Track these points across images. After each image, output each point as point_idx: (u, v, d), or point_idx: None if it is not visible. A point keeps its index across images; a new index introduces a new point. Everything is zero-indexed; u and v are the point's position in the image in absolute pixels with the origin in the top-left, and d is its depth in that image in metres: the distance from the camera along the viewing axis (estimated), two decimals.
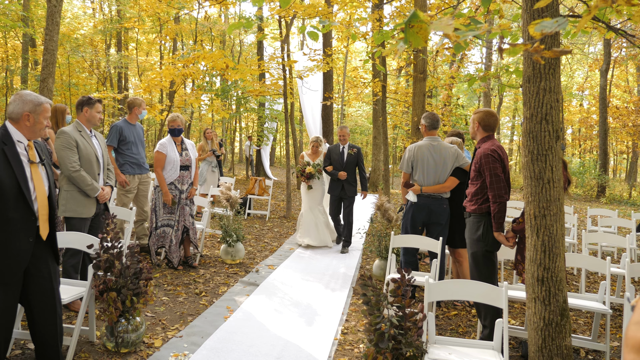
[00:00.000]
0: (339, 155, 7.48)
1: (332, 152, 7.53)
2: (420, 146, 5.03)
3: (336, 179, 7.47)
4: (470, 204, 4.00)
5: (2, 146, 2.78)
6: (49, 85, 8.72)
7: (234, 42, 27.44)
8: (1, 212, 2.75)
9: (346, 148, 7.48)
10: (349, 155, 7.44)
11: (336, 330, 4.33)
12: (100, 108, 4.53)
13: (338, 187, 7.49)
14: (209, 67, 12.55)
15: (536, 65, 2.59)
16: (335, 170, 7.44)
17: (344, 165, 7.42)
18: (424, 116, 5.17)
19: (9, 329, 2.91)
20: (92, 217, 4.39)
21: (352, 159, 7.45)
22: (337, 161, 7.46)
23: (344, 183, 7.42)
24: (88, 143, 4.38)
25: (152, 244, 5.92)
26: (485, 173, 3.77)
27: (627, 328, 1.02)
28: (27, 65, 18.22)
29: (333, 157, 7.52)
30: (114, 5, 23.42)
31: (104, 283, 3.50)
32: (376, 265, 6.22)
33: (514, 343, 4.20)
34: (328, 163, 7.57)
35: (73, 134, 4.29)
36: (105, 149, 4.61)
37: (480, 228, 3.88)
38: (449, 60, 15.52)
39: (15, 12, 13.76)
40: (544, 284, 2.75)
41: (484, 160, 3.78)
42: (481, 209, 3.89)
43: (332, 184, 7.60)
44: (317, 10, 10.85)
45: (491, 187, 3.73)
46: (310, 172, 7.55)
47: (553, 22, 1.14)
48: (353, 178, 7.50)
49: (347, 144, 7.51)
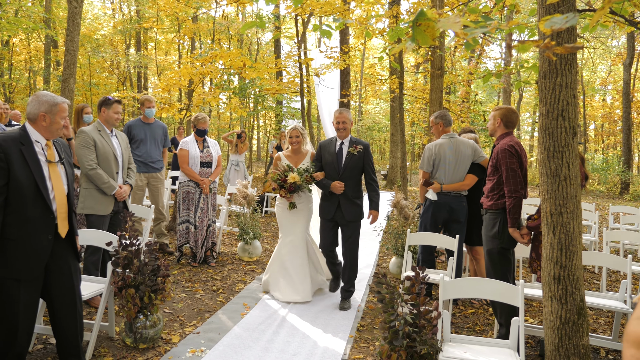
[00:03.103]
0: (334, 156, 4.84)
1: (324, 151, 4.95)
2: (441, 144, 4.97)
3: (329, 193, 4.90)
4: (486, 200, 3.98)
5: (20, 146, 2.84)
6: (70, 85, 8.88)
7: (252, 40, 27.55)
8: (20, 210, 2.82)
9: (346, 144, 4.86)
10: (350, 155, 4.80)
11: (352, 327, 4.33)
12: (118, 108, 4.61)
13: (332, 205, 4.86)
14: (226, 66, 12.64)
15: (552, 60, 2.55)
16: (327, 180, 4.86)
17: (341, 170, 4.80)
18: (439, 116, 5.13)
19: (31, 323, 2.98)
20: (111, 215, 4.47)
21: (356, 161, 4.79)
22: (331, 164, 4.85)
23: (341, 199, 4.81)
24: (107, 142, 4.47)
25: (176, 240, 6.08)
26: (502, 168, 3.75)
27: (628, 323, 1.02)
28: (50, 66, 18.58)
29: (325, 157, 4.92)
30: (133, 5, 23.71)
31: (123, 280, 3.57)
32: (393, 263, 6.21)
33: (532, 342, 4.15)
34: (318, 167, 5.00)
35: (92, 133, 4.39)
36: (126, 148, 4.71)
37: (497, 225, 3.85)
38: (467, 56, 15.35)
39: (38, 14, 14.02)
40: (560, 282, 2.71)
41: (500, 155, 3.77)
42: (497, 205, 3.86)
43: (323, 201, 4.99)
44: (333, 7, 10.84)
45: (507, 182, 3.71)
46: (296, 183, 4.89)
47: (562, 18, 1.13)
48: (356, 191, 4.86)
49: (349, 137, 4.88)
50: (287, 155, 5.17)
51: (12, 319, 2.86)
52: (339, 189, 4.74)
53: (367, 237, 7.96)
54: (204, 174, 6.00)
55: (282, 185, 4.92)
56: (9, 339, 2.87)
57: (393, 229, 6.29)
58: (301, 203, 5.12)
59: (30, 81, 21.69)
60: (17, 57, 22.39)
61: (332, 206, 4.86)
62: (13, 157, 2.79)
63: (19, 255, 2.82)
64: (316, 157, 5.06)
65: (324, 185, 4.88)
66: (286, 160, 5.12)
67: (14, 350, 2.89)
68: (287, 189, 4.90)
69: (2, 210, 2.78)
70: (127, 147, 4.78)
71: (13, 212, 2.81)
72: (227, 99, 19.25)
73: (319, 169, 4.98)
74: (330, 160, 4.85)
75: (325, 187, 4.87)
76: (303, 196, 5.12)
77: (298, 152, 5.14)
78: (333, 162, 4.82)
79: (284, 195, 4.95)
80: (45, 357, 3.47)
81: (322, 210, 5.00)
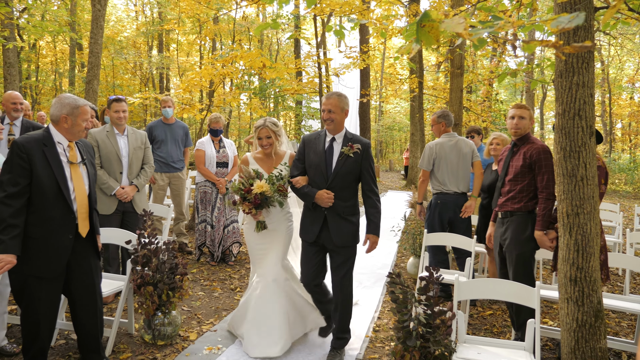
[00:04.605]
0: (321, 155, 3.57)
1: (308, 148, 3.65)
2: (442, 143, 5.08)
3: (312, 206, 3.61)
4: (512, 201, 3.83)
5: (42, 147, 2.92)
6: (94, 86, 9.08)
7: (272, 41, 27.70)
8: (42, 210, 2.90)
9: (339, 141, 3.58)
10: (343, 156, 3.52)
11: (368, 328, 4.33)
12: (118, 107, 4.60)
13: (316, 222, 3.60)
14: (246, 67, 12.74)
15: (568, 59, 2.52)
16: (310, 187, 3.58)
17: (330, 176, 3.52)
18: (442, 115, 5.19)
19: (53, 319, 3.07)
20: (120, 215, 4.58)
21: (351, 164, 3.53)
22: (317, 167, 3.57)
23: (329, 215, 3.55)
24: (111, 143, 4.54)
25: (195, 239, 6.19)
26: (542, 170, 3.61)
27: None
28: (74, 68, 18.99)
29: (310, 157, 3.63)
30: (155, 8, 24.06)
31: (142, 277, 3.64)
32: (410, 263, 6.19)
33: (551, 345, 4.10)
34: (300, 169, 3.68)
35: (97, 134, 4.54)
36: (137, 149, 4.74)
37: (529, 227, 3.75)
38: (489, 54, 15.18)
39: (63, 18, 14.35)
40: (577, 284, 2.67)
41: (543, 156, 3.63)
42: (527, 207, 3.75)
43: (305, 216, 3.73)
44: (352, 7, 10.84)
45: (547, 185, 3.58)
46: (264, 194, 3.62)
47: (569, 17, 1.12)
48: (350, 205, 3.60)
49: (343, 132, 3.59)
50: (258, 157, 3.92)
51: (34, 315, 2.95)
52: (327, 200, 3.47)
53: (385, 237, 7.94)
54: (221, 174, 6.08)
55: (246, 197, 3.61)
56: (32, 334, 2.97)
57: (411, 229, 6.27)
58: (274, 222, 3.84)
59: (56, 83, 22.21)
60: (44, 60, 22.96)
61: (316, 224, 3.58)
62: (36, 158, 2.87)
63: (41, 253, 2.91)
64: (298, 155, 3.72)
65: (306, 194, 3.56)
66: (255, 163, 3.89)
67: (36, 345, 2.99)
68: (252, 202, 3.58)
69: (25, 209, 2.87)
70: (140, 148, 4.77)
71: (35, 211, 2.89)
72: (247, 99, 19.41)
73: (301, 172, 3.66)
74: (316, 161, 3.56)
75: (308, 198, 3.56)
76: (275, 212, 3.82)
77: (270, 154, 3.91)
78: (320, 165, 3.53)
79: (248, 211, 3.63)
80: (66, 352, 3.56)
81: (303, 230, 3.71)
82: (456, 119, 9.93)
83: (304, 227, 3.71)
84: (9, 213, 2.78)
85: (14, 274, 2.91)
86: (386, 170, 31.24)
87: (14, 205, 2.80)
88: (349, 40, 18.55)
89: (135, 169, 4.73)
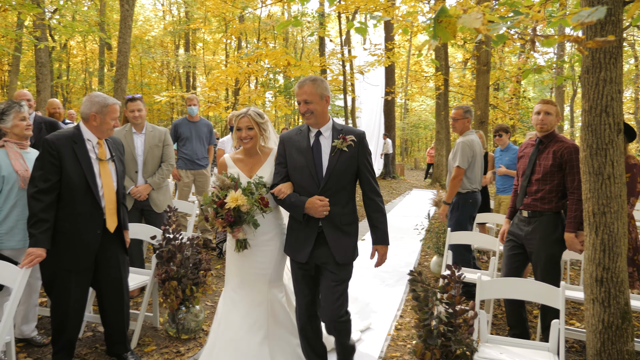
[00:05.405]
0: (307, 154, 2.90)
1: (289, 147, 2.96)
2: (474, 141, 5.04)
3: (303, 218, 2.86)
4: (542, 202, 3.73)
5: (72, 145, 3.01)
6: (122, 85, 9.29)
7: (296, 39, 27.78)
8: (71, 206, 2.99)
9: (327, 135, 2.92)
10: (335, 151, 2.86)
11: (390, 326, 4.33)
12: (133, 106, 4.60)
13: (308, 238, 2.89)
14: (271, 65, 12.84)
15: (595, 54, 2.46)
16: (297, 196, 2.87)
17: (323, 178, 2.85)
18: (469, 111, 5.17)
19: (81, 311, 3.17)
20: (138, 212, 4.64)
21: (346, 161, 2.87)
22: (303, 169, 2.88)
23: (326, 227, 2.86)
24: (127, 141, 4.55)
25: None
26: (574, 170, 3.53)
27: None
28: (104, 67, 19.41)
29: (293, 158, 2.93)
30: (182, 7, 24.39)
31: (166, 272, 3.71)
32: (434, 262, 6.14)
33: (578, 347, 4.02)
34: (282, 174, 2.97)
35: (116, 132, 4.53)
36: (153, 147, 4.69)
37: (559, 227, 3.69)
38: (517, 51, 14.93)
39: (92, 18, 14.70)
40: (603, 284, 2.62)
41: (575, 156, 3.53)
42: (557, 207, 3.70)
43: (293, 230, 3.00)
44: (377, 3, 10.80)
45: (579, 185, 3.48)
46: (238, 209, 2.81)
47: (590, 11, 1.10)
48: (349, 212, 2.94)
49: (330, 124, 2.94)
50: (237, 158, 3.14)
51: (63, 306, 3.05)
52: (321, 209, 2.76)
53: (408, 236, 7.92)
54: None
55: (218, 213, 2.82)
56: (61, 325, 3.07)
57: (434, 228, 6.22)
58: (261, 237, 3.03)
59: (86, 82, 22.76)
60: (74, 59, 23.56)
61: (308, 239, 2.86)
62: (65, 155, 2.96)
63: (70, 247, 3.00)
64: (278, 157, 3.00)
65: (292, 205, 2.84)
66: (234, 166, 3.09)
67: (65, 336, 3.09)
68: (226, 218, 2.79)
69: (55, 205, 2.96)
70: (157, 146, 4.70)
71: (65, 207, 2.99)
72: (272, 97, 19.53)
73: (284, 178, 2.94)
74: (301, 162, 2.87)
75: (297, 209, 2.83)
76: (263, 224, 2.97)
77: (253, 152, 3.11)
78: (307, 166, 2.85)
79: (222, 229, 2.86)
80: (93, 344, 3.66)
81: (291, 248, 2.97)
82: (482, 117, 9.80)
83: (293, 245, 2.95)
84: (40, 208, 2.88)
85: (45, 266, 3.01)
86: (411, 168, 31.03)
87: (45, 201, 2.90)
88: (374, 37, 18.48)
89: (150, 168, 4.68)
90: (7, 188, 3.21)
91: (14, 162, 3.24)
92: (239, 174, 3.02)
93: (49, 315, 3.62)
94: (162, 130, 4.82)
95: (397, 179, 20.12)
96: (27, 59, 19.24)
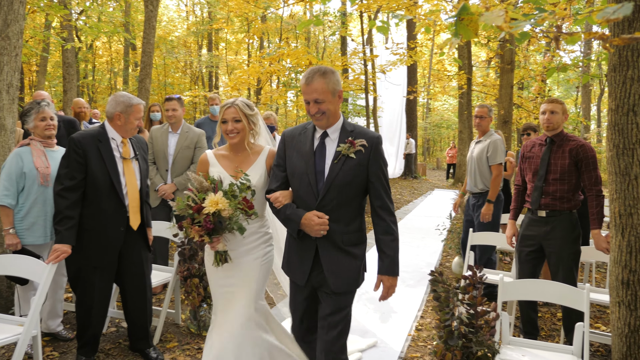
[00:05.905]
0: (308, 157, 2.42)
1: (290, 147, 2.50)
2: (501, 140, 5.05)
3: (298, 235, 2.41)
4: (561, 201, 3.73)
5: (97, 143, 3.07)
6: (146, 85, 9.42)
7: (318, 39, 27.80)
8: (95, 203, 3.05)
9: (333, 137, 2.42)
10: (341, 157, 2.36)
11: (410, 327, 4.31)
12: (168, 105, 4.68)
13: (306, 257, 2.45)
14: (293, 64, 12.87)
15: (622, 52, 2.40)
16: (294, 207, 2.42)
17: (321, 188, 2.36)
18: (491, 110, 5.18)
19: (105, 307, 3.24)
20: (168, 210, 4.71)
21: (352, 169, 2.35)
22: (302, 175, 2.41)
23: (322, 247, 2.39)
24: (162, 140, 4.67)
25: None
26: (590, 167, 3.61)
27: None
28: (128, 67, 19.73)
29: (293, 160, 2.47)
30: (205, 7, 24.64)
31: (188, 270, 3.75)
32: (455, 263, 6.08)
33: (603, 350, 3.94)
34: (280, 179, 2.52)
35: (154, 130, 4.72)
36: (186, 148, 4.71)
37: (577, 225, 3.72)
38: (541, 49, 14.68)
39: (117, 19, 14.96)
40: (629, 287, 2.56)
41: (590, 154, 3.62)
42: (575, 206, 3.72)
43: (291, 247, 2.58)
44: (399, 2, 10.72)
45: (596, 182, 3.60)
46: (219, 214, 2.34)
47: (616, 8, 1.07)
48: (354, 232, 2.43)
49: (340, 124, 2.44)
50: (221, 155, 2.73)
51: (88, 302, 3.12)
52: (317, 228, 2.32)
53: (430, 237, 7.86)
54: None
55: (195, 219, 2.39)
56: (86, 320, 3.13)
57: (456, 228, 6.16)
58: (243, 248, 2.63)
59: (111, 82, 23.17)
60: (100, 60, 24.02)
61: (304, 259, 2.46)
62: (90, 154, 3.02)
63: (93, 244, 3.06)
64: (277, 158, 2.57)
65: (288, 218, 2.42)
66: (217, 164, 2.68)
67: (89, 331, 3.15)
68: (204, 225, 2.35)
69: (80, 202, 3.03)
70: (188, 148, 4.69)
71: (89, 204, 3.05)
72: (294, 96, 19.57)
73: (282, 184, 2.53)
74: (301, 167, 2.43)
75: (291, 223, 2.41)
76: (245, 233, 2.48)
77: (241, 148, 2.70)
78: (307, 172, 2.40)
79: (199, 238, 2.39)
80: (117, 339, 3.73)
81: (289, 266, 2.59)
82: (506, 116, 9.66)
83: (290, 263, 2.57)
84: (65, 205, 2.95)
85: (70, 263, 3.08)
86: (433, 168, 30.78)
87: (70, 198, 2.96)
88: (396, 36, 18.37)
89: (179, 168, 4.69)
90: (29, 184, 3.30)
91: (35, 159, 3.32)
92: (220, 174, 2.56)
93: (74, 311, 3.70)
94: (197, 132, 4.77)
95: (419, 178, 19.99)
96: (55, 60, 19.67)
